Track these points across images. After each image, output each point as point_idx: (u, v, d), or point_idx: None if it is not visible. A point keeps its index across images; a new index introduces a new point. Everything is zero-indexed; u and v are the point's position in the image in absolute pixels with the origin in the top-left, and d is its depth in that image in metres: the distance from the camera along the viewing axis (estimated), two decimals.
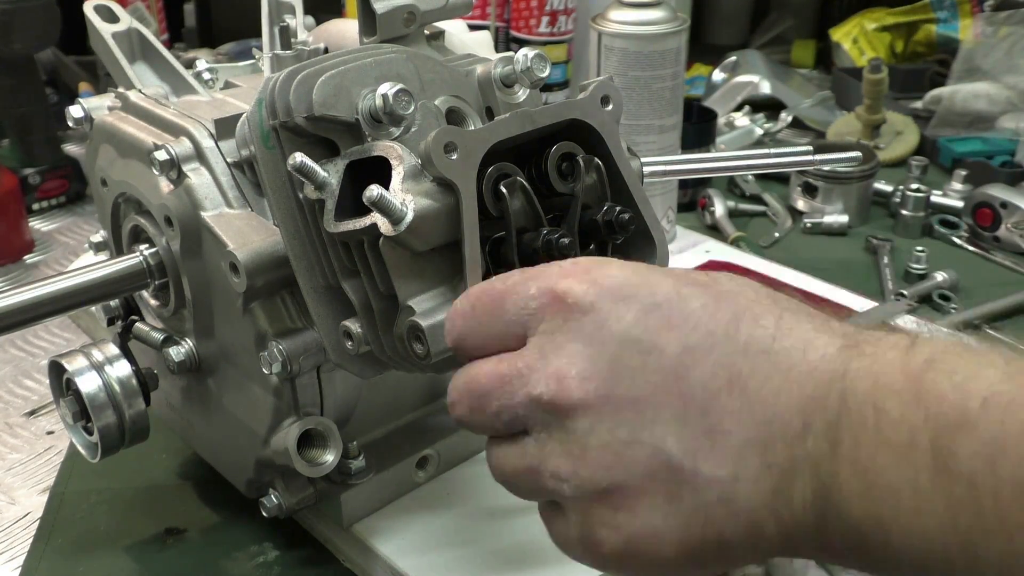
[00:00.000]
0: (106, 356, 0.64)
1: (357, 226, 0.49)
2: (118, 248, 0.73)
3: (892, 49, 1.67)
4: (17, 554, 0.71)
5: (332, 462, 0.63)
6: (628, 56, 1.04)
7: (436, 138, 0.48)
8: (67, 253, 1.16)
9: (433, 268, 0.50)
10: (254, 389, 0.64)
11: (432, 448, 0.71)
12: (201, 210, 0.62)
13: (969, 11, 1.60)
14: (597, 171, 0.53)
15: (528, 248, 0.51)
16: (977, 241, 1.14)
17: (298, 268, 0.55)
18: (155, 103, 0.68)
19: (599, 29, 1.06)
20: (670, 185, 1.12)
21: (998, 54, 1.43)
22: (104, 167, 0.70)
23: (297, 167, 0.50)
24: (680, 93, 1.09)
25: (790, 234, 1.19)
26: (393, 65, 0.54)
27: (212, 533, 0.72)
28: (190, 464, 0.78)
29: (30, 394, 0.90)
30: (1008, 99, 1.40)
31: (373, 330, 0.53)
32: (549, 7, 1.28)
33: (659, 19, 1.04)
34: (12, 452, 0.83)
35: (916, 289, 1.03)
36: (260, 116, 0.54)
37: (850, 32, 1.68)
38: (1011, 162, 1.28)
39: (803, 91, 1.59)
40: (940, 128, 1.40)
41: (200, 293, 0.65)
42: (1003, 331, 0.96)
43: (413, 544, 0.67)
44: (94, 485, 0.76)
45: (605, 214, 0.52)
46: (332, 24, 0.81)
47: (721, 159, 0.87)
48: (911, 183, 1.20)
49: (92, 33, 0.74)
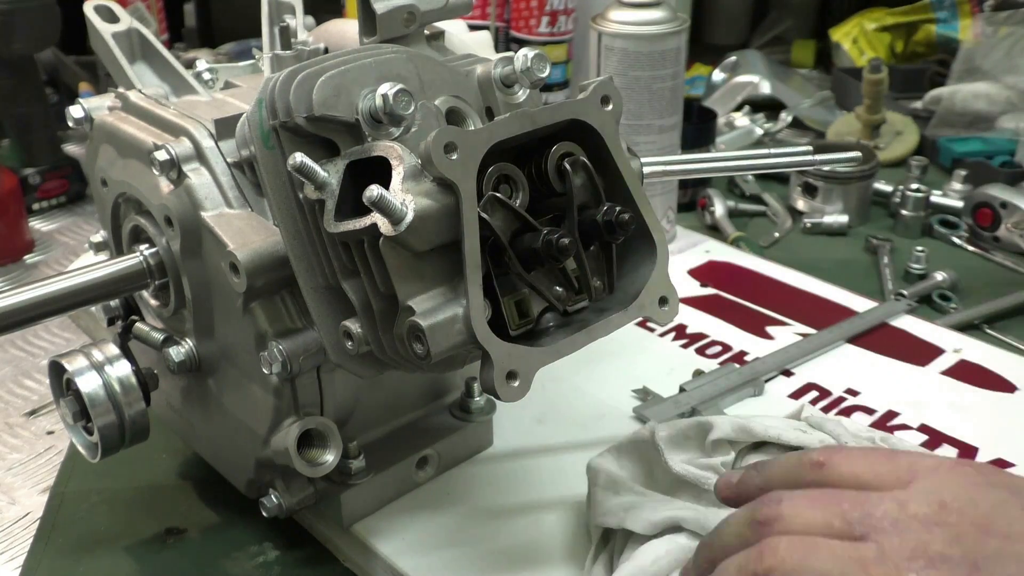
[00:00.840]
0: (106, 356, 0.64)
1: (357, 226, 0.49)
2: (118, 248, 0.73)
3: (892, 49, 1.67)
4: (17, 554, 0.71)
5: (332, 462, 0.63)
6: (628, 56, 1.04)
7: (436, 138, 0.48)
8: (67, 253, 1.16)
9: (433, 268, 0.50)
10: (254, 389, 0.64)
11: (432, 448, 0.71)
12: (201, 210, 0.62)
13: (969, 11, 1.60)
14: (585, 170, 0.53)
15: (527, 248, 0.51)
16: (977, 241, 1.14)
17: (298, 268, 0.55)
18: (155, 103, 0.68)
19: (599, 29, 1.06)
20: (670, 185, 1.12)
21: (998, 54, 1.43)
22: (104, 167, 0.70)
23: (297, 167, 0.50)
24: (680, 93, 1.09)
25: (790, 234, 1.19)
26: (393, 65, 0.54)
27: (212, 533, 0.72)
28: (190, 464, 0.78)
29: (30, 394, 0.90)
30: (1008, 99, 1.40)
31: (373, 330, 0.53)
32: (549, 7, 1.28)
33: (659, 19, 1.04)
34: (12, 452, 0.83)
35: (916, 289, 1.03)
36: (260, 116, 0.54)
37: (850, 32, 1.68)
38: (1011, 162, 1.28)
39: (803, 91, 1.59)
40: (940, 128, 1.40)
41: (200, 293, 0.65)
42: (1003, 331, 0.96)
43: (413, 544, 0.67)
44: (94, 485, 0.76)
45: (605, 214, 0.52)
46: (332, 24, 0.81)
47: (721, 159, 0.87)
48: (911, 183, 1.20)
49: (92, 33, 0.74)
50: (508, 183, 0.52)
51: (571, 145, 0.53)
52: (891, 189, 1.24)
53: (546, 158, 0.52)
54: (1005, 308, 0.99)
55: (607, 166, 0.54)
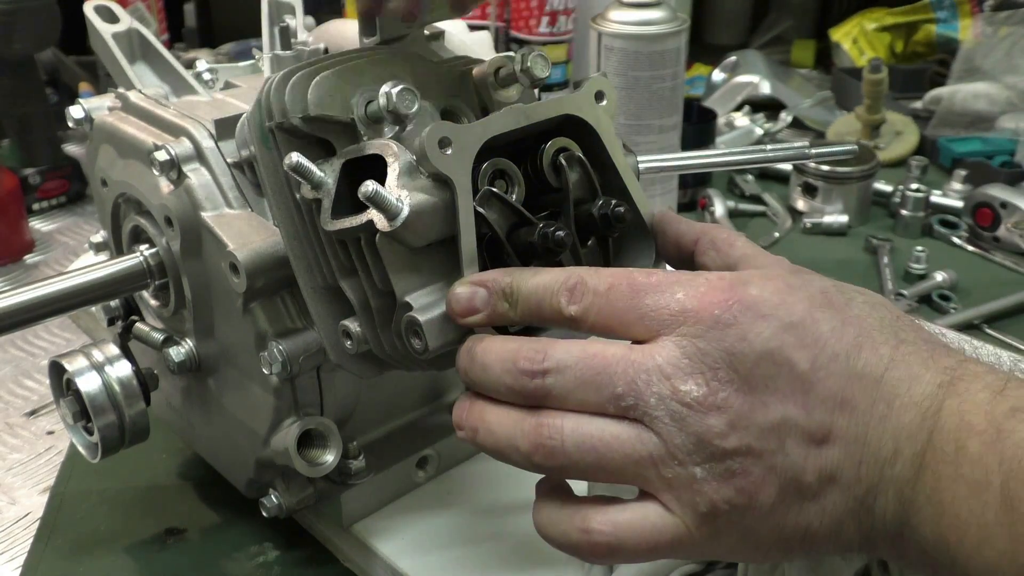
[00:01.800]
0: (106, 356, 0.64)
1: (354, 223, 0.50)
2: (118, 248, 0.73)
3: (892, 49, 1.67)
4: (17, 554, 0.71)
5: (332, 462, 0.63)
6: (628, 56, 1.04)
7: (430, 133, 0.48)
8: (67, 253, 1.16)
9: (430, 264, 0.50)
10: (254, 389, 0.64)
11: (432, 448, 0.71)
12: (201, 210, 0.62)
13: (969, 11, 1.60)
14: (581, 165, 0.53)
15: (524, 242, 0.51)
16: (977, 241, 1.14)
17: (297, 268, 0.55)
18: (155, 103, 0.68)
19: (599, 29, 1.06)
20: (670, 185, 1.12)
21: (998, 54, 1.43)
22: (104, 167, 0.70)
23: (293, 167, 0.50)
24: (680, 93, 1.09)
25: (790, 234, 1.19)
26: (388, 66, 0.54)
27: (212, 533, 0.72)
28: (190, 464, 0.78)
29: (30, 394, 0.90)
30: (1008, 99, 1.40)
31: (372, 328, 0.53)
32: (549, 7, 1.29)
33: (659, 19, 1.04)
34: (12, 452, 0.83)
35: (916, 289, 1.03)
36: (260, 117, 0.54)
37: (850, 32, 1.68)
38: (1011, 162, 1.28)
39: (803, 91, 1.59)
40: (940, 128, 1.40)
41: (200, 293, 0.65)
42: (1003, 331, 0.96)
43: (413, 544, 0.67)
44: (94, 485, 0.76)
45: (600, 208, 0.52)
46: (332, 24, 0.82)
47: (717, 155, 0.87)
48: (911, 183, 1.20)
49: (92, 33, 0.74)
50: (504, 179, 0.52)
51: (566, 141, 0.53)
52: (891, 189, 1.24)
53: (541, 154, 0.52)
54: (1005, 308, 0.99)
55: (603, 161, 0.54)
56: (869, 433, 0.43)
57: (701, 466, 0.44)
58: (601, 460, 0.46)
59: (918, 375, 0.44)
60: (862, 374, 0.44)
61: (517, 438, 0.47)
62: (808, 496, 0.44)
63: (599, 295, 0.47)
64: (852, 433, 0.44)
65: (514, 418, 0.47)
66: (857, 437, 0.44)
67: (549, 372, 0.46)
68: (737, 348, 0.44)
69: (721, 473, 0.44)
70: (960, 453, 0.41)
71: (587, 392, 0.46)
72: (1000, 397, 0.42)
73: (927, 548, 0.42)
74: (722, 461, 0.44)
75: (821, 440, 0.44)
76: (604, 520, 0.46)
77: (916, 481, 0.42)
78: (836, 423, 0.44)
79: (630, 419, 0.45)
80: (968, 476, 0.41)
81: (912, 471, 0.42)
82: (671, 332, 0.45)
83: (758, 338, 0.44)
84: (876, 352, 0.44)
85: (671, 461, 0.44)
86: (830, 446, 0.44)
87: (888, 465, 0.43)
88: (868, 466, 0.43)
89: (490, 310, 0.49)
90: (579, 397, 0.46)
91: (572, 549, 0.48)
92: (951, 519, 0.41)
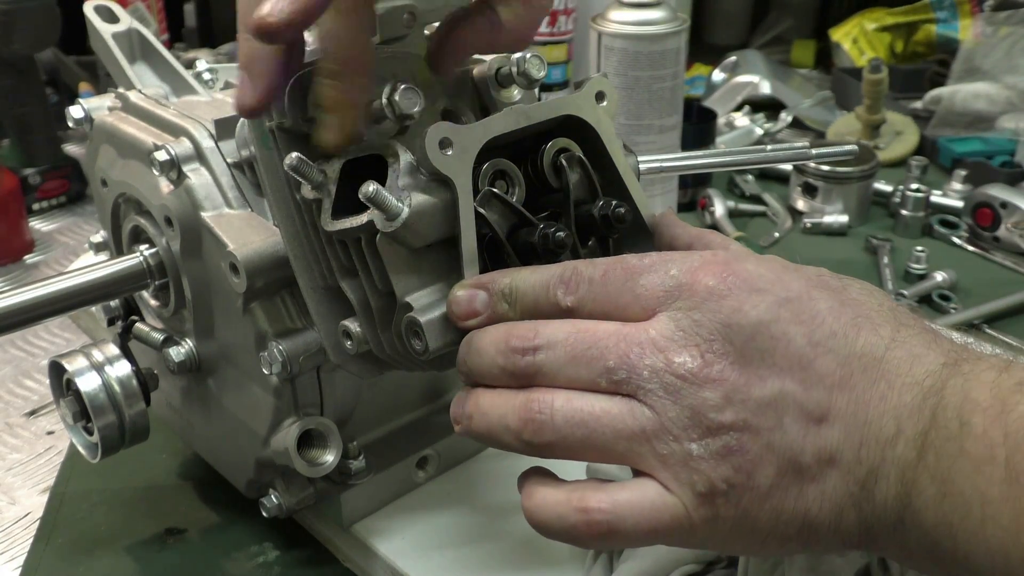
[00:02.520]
0: (106, 356, 0.64)
1: (354, 223, 0.50)
2: (118, 248, 0.73)
3: (892, 49, 1.67)
4: (17, 554, 0.71)
5: (332, 462, 0.63)
6: (628, 56, 1.04)
7: (431, 134, 0.48)
8: (67, 253, 1.16)
9: (430, 264, 0.50)
10: (254, 389, 0.64)
11: (432, 448, 0.71)
12: (201, 210, 0.62)
13: (969, 11, 1.60)
14: (581, 166, 0.53)
15: (524, 242, 0.51)
16: (977, 241, 1.14)
17: (298, 268, 0.55)
18: (155, 103, 0.68)
19: (599, 29, 1.06)
20: (670, 185, 1.12)
21: (998, 54, 1.43)
22: (104, 167, 0.70)
23: (293, 167, 0.50)
24: (680, 93, 1.09)
25: (790, 234, 1.19)
26: (387, 65, 0.54)
27: (212, 533, 0.72)
28: (190, 464, 0.78)
29: (30, 394, 0.90)
30: (1008, 99, 1.40)
31: (372, 329, 0.53)
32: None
33: (659, 19, 1.04)
34: (12, 452, 0.83)
35: (916, 289, 1.03)
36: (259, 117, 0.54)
37: (850, 32, 1.68)
38: (1011, 162, 1.28)
39: (803, 91, 1.59)
40: (940, 128, 1.40)
41: (200, 293, 0.65)
42: (1003, 331, 0.96)
43: (413, 544, 0.67)
44: (94, 485, 0.76)
45: (601, 208, 0.52)
46: None
47: (717, 155, 0.87)
48: (911, 183, 1.20)
49: (92, 33, 0.74)
50: (504, 179, 0.52)
51: (567, 141, 0.53)
52: (891, 189, 1.24)
53: (542, 154, 0.52)
54: (1005, 308, 0.99)
55: (603, 162, 0.54)
56: (870, 413, 0.42)
57: (697, 442, 0.43)
58: (592, 435, 0.45)
59: (920, 355, 0.43)
60: (861, 353, 0.43)
61: (507, 415, 0.46)
62: (807, 478, 0.43)
63: (594, 283, 0.47)
64: (852, 413, 0.42)
65: (505, 396, 0.47)
66: (857, 417, 0.42)
67: (540, 348, 0.46)
68: (732, 319, 0.43)
69: (718, 450, 0.43)
70: (964, 429, 0.40)
71: (578, 367, 0.45)
72: (1006, 374, 0.41)
73: (929, 531, 0.41)
74: (718, 436, 0.43)
75: (820, 418, 0.43)
76: (603, 498, 0.45)
77: (919, 462, 0.41)
78: (835, 402, 0.43)
79: (622, 394, 0.44)
80: (972, 452, 0.39)
81: (914, 452, 0.41)
82: (666, 308, 0.45)
83: (754, 310, 0.43)
84: (876, 332, 0.44)
85: (666, 436, 0.43)
86: (829, 426, 0.43)
87: (890, 446, 0.42)
88: (869, 447, 0.42)
89: (490, 312, 0.49)
90: (570, 373, 0.45)
91: (568, 532, 0.46)
92: (954, 498, 0.40)
